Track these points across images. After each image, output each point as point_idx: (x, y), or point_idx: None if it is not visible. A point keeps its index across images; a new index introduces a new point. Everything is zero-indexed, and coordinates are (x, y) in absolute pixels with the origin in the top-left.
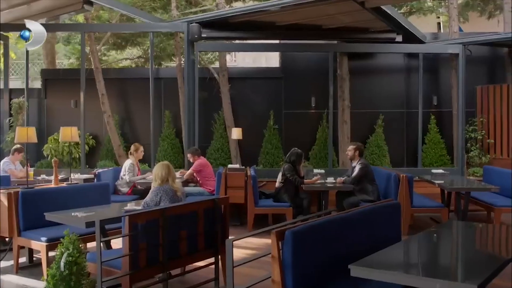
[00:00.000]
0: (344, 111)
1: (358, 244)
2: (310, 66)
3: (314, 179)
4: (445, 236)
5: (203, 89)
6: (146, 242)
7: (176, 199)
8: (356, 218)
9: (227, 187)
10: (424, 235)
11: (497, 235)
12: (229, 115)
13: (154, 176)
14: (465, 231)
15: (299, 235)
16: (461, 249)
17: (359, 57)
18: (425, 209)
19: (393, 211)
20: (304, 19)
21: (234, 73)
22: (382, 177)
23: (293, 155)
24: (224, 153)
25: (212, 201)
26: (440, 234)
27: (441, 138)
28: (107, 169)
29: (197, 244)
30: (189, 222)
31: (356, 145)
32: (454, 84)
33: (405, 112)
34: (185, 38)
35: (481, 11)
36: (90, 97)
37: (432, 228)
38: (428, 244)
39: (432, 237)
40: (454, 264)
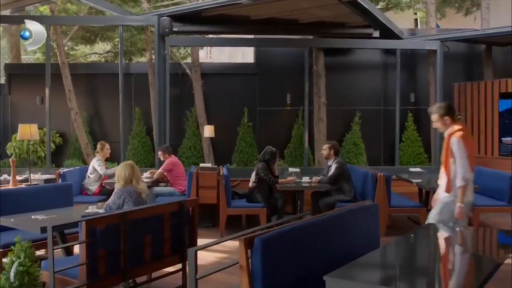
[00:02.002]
0: (320, 108)
1: (335, 250)
2: (285, 61)
3: (289, 179)
4: (426, 241)
5: (175, 85)
6: (106, 248)
7: (140, 201)
8: (332, 222)
9: (199, 187)
10: (404, 239)
11: (480, 238)
12: (202, 112)
13: (117, 177)
14: (446, 235)
15: (270, 243)
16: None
17: (336, 52)
18: (403, 209)
19: (371, 213)
20: (279, 13)
21: (207, 69)
22: (359, 176)
23: (267, 153)
24: (197, 151)
25: (179, 204)
26: (420, 238)
27: (418, 136)
28: (73, 169)
29: (163, 249)
30: (154, 226)
31: (330, 144)
32: (431, 81)
33: (382, 109)
34: (156, 32)
35: (458, 8)
36: (57, 93)
37: (411, 232)
38: (409, 251)
39: (412, 242)
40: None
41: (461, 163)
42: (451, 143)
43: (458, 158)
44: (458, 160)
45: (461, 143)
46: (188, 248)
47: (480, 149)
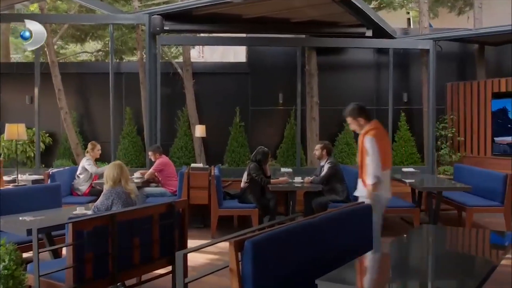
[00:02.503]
0: (313, 108)
1: (327, 252)
2: (277, 61)
3: (281, 179)
4: (420, 244)
5: (166, 84)
6: (93, 251)
7: (129, 202)
8: (324, 223)
9: (190, 187)
10: (397, 242)
11: (475, 239)
12: (193, 112)
13: (105, 178)
14: (440, 237)
15: (260, 245)
16: (439, 258)
17: (328, 52)
18: (396, 209)
19: (363, 214)
20: (272, 12)
21: (199, 68)
22: (352, 177)
23: (259, 153)
24: (188, 151)
25: (169, 205)
26: (414, 241)
27: (411, 136)
28: (63, 169)
29: (153, 252)
30: (144, 228)
31: (323, 144)
32: (424, 81)
33: (375, 109)
34: (147, 30)
35: (451, 7)
36: (47, 92)
37: (405, 235)
38: (402, 253)
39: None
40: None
41: (372, 161)
42: (364, 142)
43: (370, 156)
44: (369, 158)
45: (374, 141)
46: (176, 252)
47: (473, 149)
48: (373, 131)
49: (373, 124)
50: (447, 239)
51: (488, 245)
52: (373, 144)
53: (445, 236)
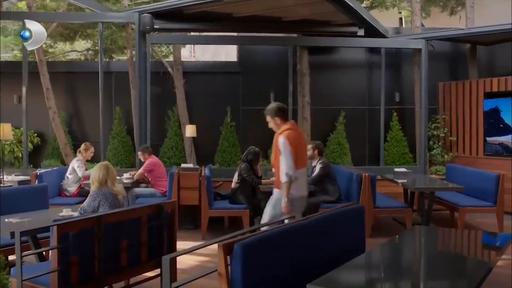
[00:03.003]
0: (304, 108)
1: (319, 255)
2: (269, 60)
3: (273, 179)
4: (413, 246)
5: (157, 84)
6: (79, 254)
7: (117, 203)
8: (316, 225)
9: (180, 188)
10: (389, 244)
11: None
12: (183, 112)
13: (91, 179)
14: (434, 239)
15: (250, 248)
16: (433, 260)
17: (320, 51)
18: (389, 210)
19: (356, 215)
20: (263, 10)
21: (190, 68)
22: (344, 177)
23: (250, 153)
24: (179, 151)
25: (158, 206)
26: (407, 243)
27: (403, 136)
28: (51, 169)
29: (140, 255)
30: (131, 230)
31: (314, 144)
32: (416, 80)
33: (367, 108)
34: (136, 29)
35: (443, 7)
36: (35, 92)
37: (397, 237)
38: (395, 256)
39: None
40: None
41: (285, 160)
42: (278, 142)
43: (283, 156)
44: (282, 158)
45: (287, 142)
46: (163, 256)
47: (465, 149)
48: (287, 132)
49: (289, 125)
50: (441, 240)
51: (483, 247)
52: (286, 144)
53: (439, 237)
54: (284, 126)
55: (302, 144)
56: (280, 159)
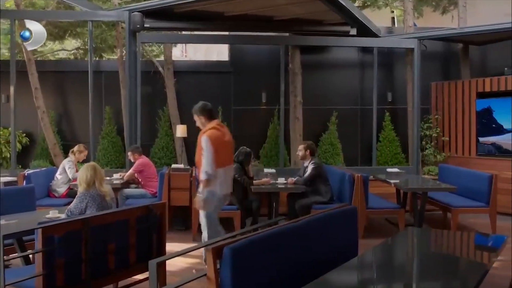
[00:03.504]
0: (296, 108)
1: (311, 258)
2: (260, 59)
3: (264, 180)
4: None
5: (147, 83)
6: (65, 258)
7: (104, 205)
8: (308, 227)
9: (171, 188)
10: (383, 247)
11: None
12: (174, 112)
13: (78, 180)
14: (428, 241)
15: (240, 252)
16: (427, 263)
17: (312, 51)
18: (381, 210)
19: (349, 217)
20: (254, 9)
21: (180, 67)
22: (336, 177)
23: (241, 154)
24: (169, 152)
25: (146, 208)
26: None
27: (396, 136)
28: (39, 170)
29: (129, 258)
30: (119, 232)
31: (306, 144)
32: (409, 80)
33: (359, 108)
34: (126, 28)
35: (435, 6)
36: (24, 91)
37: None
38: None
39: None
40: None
41: (206, 159)
42: (201, 141)
43: (204, 154)
44: (203, 156)
45: (208, 141)
46: (150, 260)
47: (457, 149)
48: (210, 131)
49: (213, 124)
50: (435, 242)
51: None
52: (207, 143)
53: (432, 239)
54: (209, 125)
55: (225, 143)
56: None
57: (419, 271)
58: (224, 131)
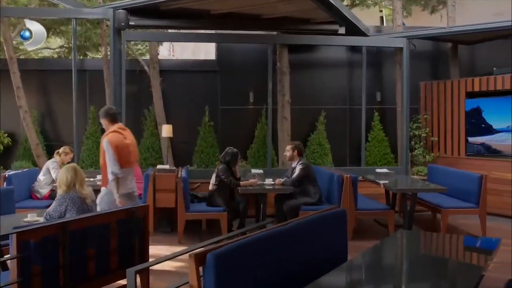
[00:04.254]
0: (284, 107)
1: (299, 264)
2: (248, 58)
3: (251, 181)
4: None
5: (132, 82)
6: (42, 264)
7: (85, 208)
8: (296, 231)
9: (156, 190)
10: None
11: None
12: (160, 111)
13: (58, 182)
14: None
15: (225, 258)
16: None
17: (300, 49)
18: (370, 212)
19: (338, 220)
20: (242, 7)
21: (166, 66)
22: (325, 178)
23: (228, 155)
24: (155, 152)
25: (129, 211)
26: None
27: (385, 136)
28: (21, 171)
29: (110, 263)
30: (100, 237)
31: (293, 144)
32: (398, 80)
33: (348, 108)
34: (111, 25)
35: (424, 5)
36: (5, 91)
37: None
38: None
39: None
40: None
41: (109, 160)
42: (103, 143)
43: (106, 156)
44: (107, 158)
45: (109, 144)
46: (127, 269)
47: (446, 149)
48: (110, 134)
49: (114, 127)
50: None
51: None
52: (107, 145)
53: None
54: (111, 128)
55: (125, 146)
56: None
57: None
58: (125, 134)
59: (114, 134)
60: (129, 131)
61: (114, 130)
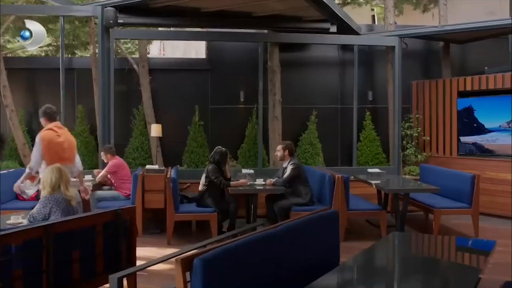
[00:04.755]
0: (275, 107)
1: (290, 267)
2: (238, 57)
3: (241, 181)
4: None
5: (121, 81)
6: (24, 268)
7: (70, 210)
8: (287, 234)
9: (145, 190)
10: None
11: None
12: (149, 110)
13: (42, 183)
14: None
15: (213, 263)
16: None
17: (291, 48)
18: (362, 212)
19: (330, 221)
20: (232, 5)
21: (156, 65)
22: (316, 178)
23: (217, 154)
24: (144, 152)
25: (114, 213)
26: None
27: (376, 135)
28: (7, 171)
29: (95, 267)
30: (85, 240)
31: (284, 144)
32: (389, 79)
33: (340, 107)
34: (99, 23)
35: (416, 4)
36: None
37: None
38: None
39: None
40: None
41: (33, 156)
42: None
43: (33, 151)
44: (32, 153)
45: (40, 141)
46: (110, 275)
47: (438, 148)
48: (44, 132)
49: (51, 126)
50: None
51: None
52: (38, 142)
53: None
54: (48, 125)
55: (59, 143)
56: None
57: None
58: (60, 132)
59: (47, 132)
60: (65, 130)
61: (49, 128)
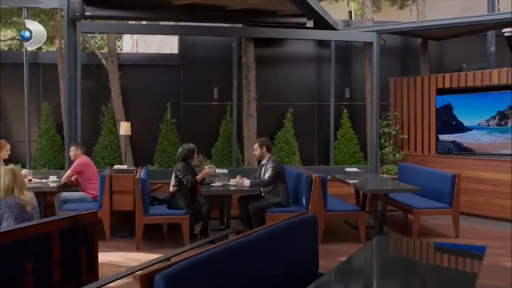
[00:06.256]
0: (250, 104)
1: (265, 278)
2: (212, 52)
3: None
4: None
5: (89, 77)
6: None
7: (25, 216)
8: (260, 242)
9: (113, 191)
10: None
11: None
12: (119, 108)
13: None
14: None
15: (176, 279)
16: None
17: (267, 43)
18: (341, 213)
19: (308, 226)
20: None
21: (126, 60)
22: (292, 178)
23: (184, 150)
24: (114, 151)
25: (73, 219)
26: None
27: (354, 134)
28: None
29: (52, 277)
30: (40, 248)
31: (260, 141)
32: (367, 76)
33: (316, 105)
34: (65, 16)
35: (393, 0)
36: None
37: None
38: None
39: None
40: None
41: None
42: None
43: None
44: None
45: None
46: None
47: (416, 147)
48: None
49: None
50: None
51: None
52: None
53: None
54: None
55: None
56: None
57: None
58: None
59: None
60: None
61: None
